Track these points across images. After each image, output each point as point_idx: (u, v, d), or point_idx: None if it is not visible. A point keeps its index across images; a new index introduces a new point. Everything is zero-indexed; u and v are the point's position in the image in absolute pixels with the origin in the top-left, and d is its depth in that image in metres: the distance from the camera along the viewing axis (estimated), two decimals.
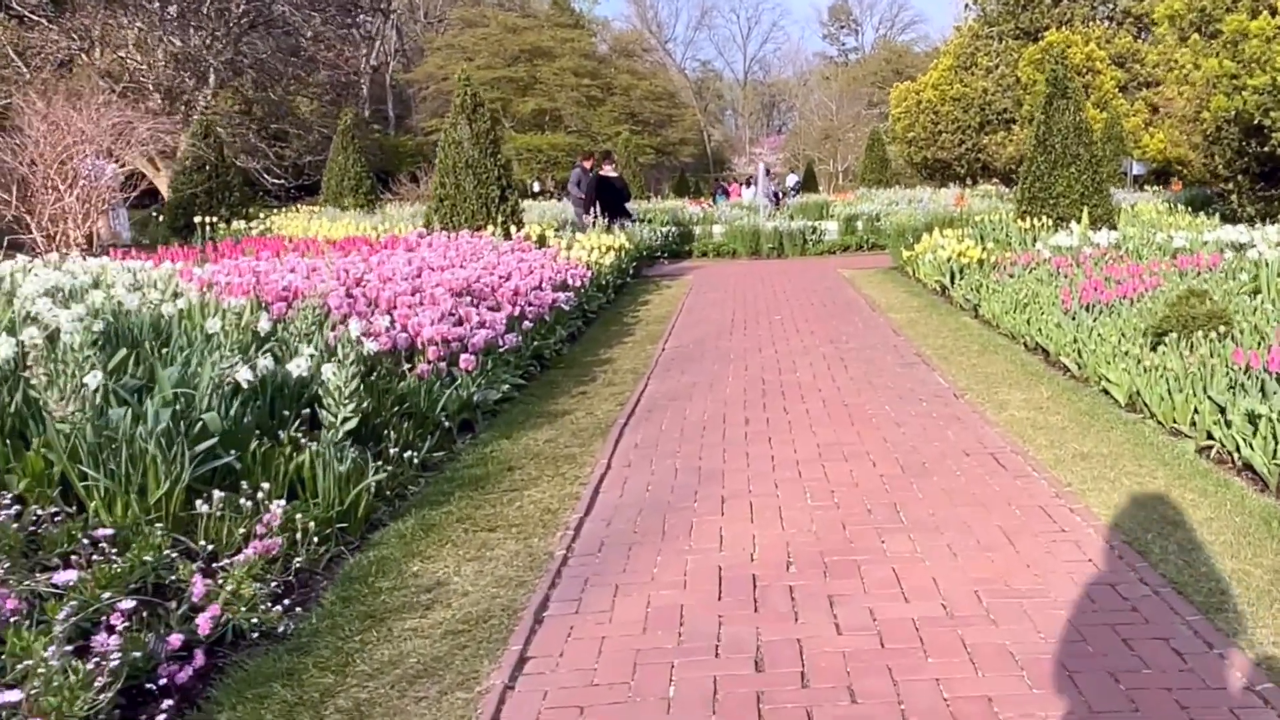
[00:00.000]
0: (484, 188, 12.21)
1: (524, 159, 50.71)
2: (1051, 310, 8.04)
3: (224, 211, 17.32)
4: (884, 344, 8.60)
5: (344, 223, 14.99)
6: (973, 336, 8.75)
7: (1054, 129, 12.35)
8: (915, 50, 68.08)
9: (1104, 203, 12.41)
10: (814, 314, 10.56)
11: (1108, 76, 25.90)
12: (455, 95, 12.50)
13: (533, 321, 7.98)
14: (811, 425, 5.97)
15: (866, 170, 29.41)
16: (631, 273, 13.76)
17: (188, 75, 26.08)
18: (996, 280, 10.04)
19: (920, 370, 7.43)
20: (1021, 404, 6.22)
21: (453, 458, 5.49)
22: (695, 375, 7.60)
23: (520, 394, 6.91)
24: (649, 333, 9.73)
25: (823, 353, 8.29)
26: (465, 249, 9.63)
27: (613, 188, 16.66)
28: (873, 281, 13.33)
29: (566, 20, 58.41)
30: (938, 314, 10.17)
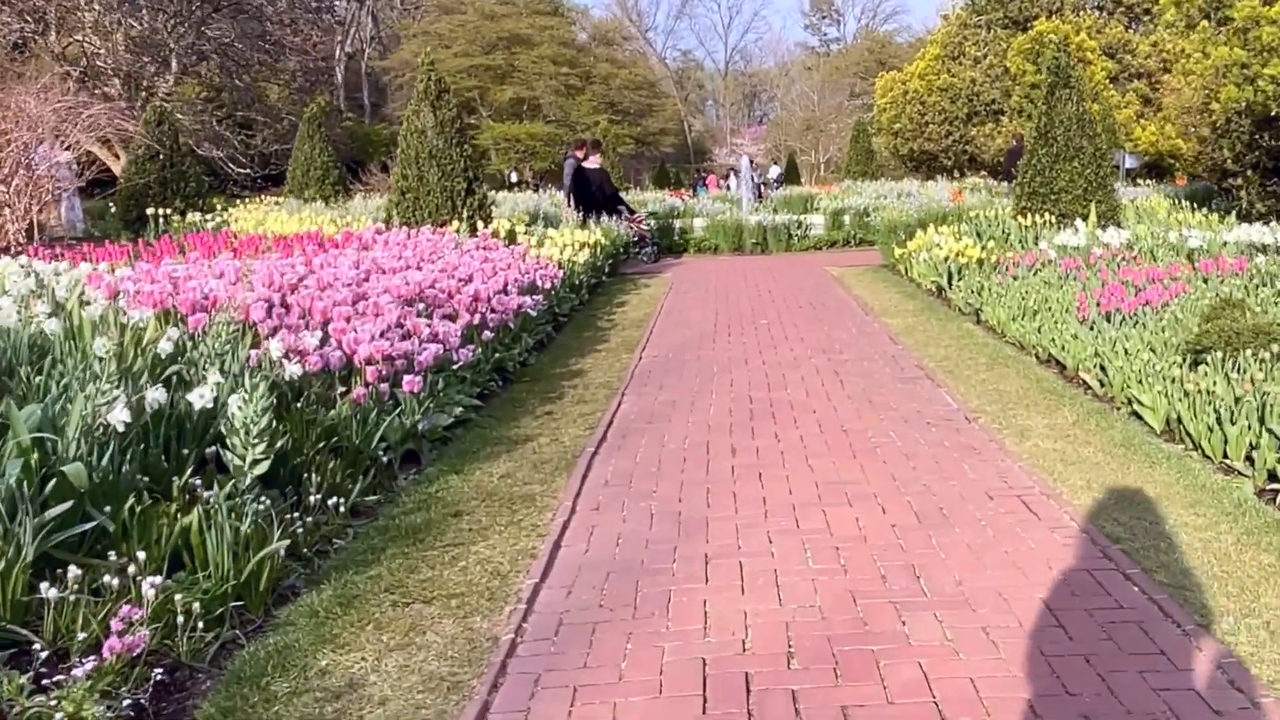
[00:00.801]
0: (449, 180, 11.39)
1: (501, 149, 49.82)
2: (1066, 319, 7.32)
3: (179, 203, 16.39)
4: (881, 354, 7.85)
5: (304, 216, 14.13)
6: (978, 346, 8.02)
7: (1056, 120, 11.62)
8: (898, 40, 67.50)
9: (1108, 199, 11.69)
10: (803, 318, 9.81)
11: (1099, 67, 25.26)
12: (418, 80, 11.66)
13: (495, 330, 7.19)
14: (808, 456, 5.21)
15: (851, 162, 28.70)
16: (608, 271, 12.97)
17: (148, 60, 25.03)
18: (999, 282, 9.31)
19: (924, 387, 6.69)
20: (1045, 431, 5.48)
21: (391, 499, 4.70)
22: (675, 391, 6.83)
23: (478, 415, 6.13)
24: (625, 339, 8.95)
25: (815, 364, 7.54)
26: (424, 247, 8.82)
27: (591, 181, 15.79)
28: (863, 281, 12.59)
29: (545, 8, 57.37)
30: (936, 319, 9.43)
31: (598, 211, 14.95)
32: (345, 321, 5.53)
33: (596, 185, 15.56)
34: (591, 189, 15.39)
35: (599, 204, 15.29)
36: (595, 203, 15.26)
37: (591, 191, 15.40)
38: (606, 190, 15.94)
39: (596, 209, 15.04)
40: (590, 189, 15.39)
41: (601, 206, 15.30)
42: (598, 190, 15.56)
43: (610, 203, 15.78)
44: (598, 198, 15.42)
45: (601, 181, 16.01)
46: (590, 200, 15.25)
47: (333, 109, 41.14)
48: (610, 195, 16.11)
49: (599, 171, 16.06)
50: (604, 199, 15.56)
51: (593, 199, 15.32)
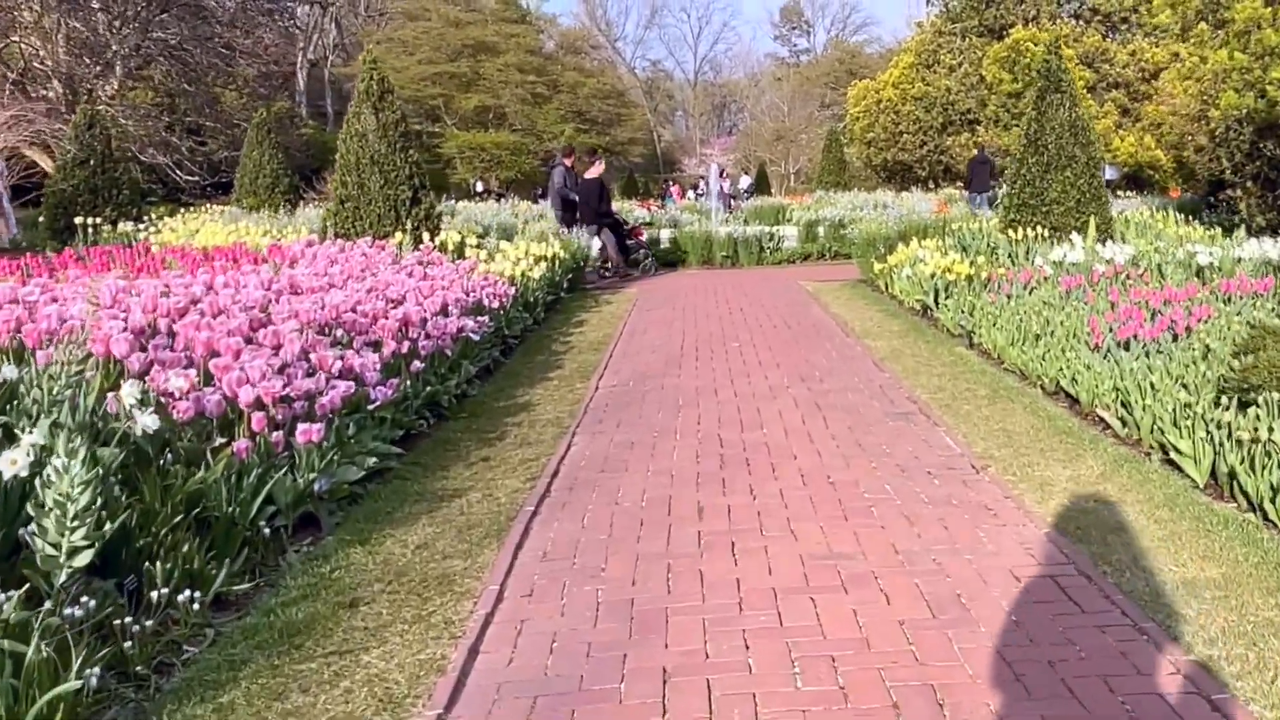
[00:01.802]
0: (392, 188, 10.44)
1: (466, 158, 48.80)
2: (1075, 346, 6.49)
3: (109, 212, 15.32)
4: (867, 383, 6.99)
5: (241, 226, 13.11)
6: (974, 374, 7.18)
7: (1047, 127, 10.86)
8: (868, 51, 67.23)
9: (1102, 210, 10.95)
10: (778, 340, 8.94)
11: (1076, 76, 24.62)
12: (359, 79, 10.72)
13: (428, 359, 6.26)
14: (790, 519, 4.32)
15: (824, 172, 27.98)
16: (566, 286, 12.05)
17: (90, 62, 23.87)
18: (992, 302, 8.50)
19: (919, 425, 5.83)
20: (1069, 485, 4.63)
21: (274, 582, 3.76)
22: (634, 429, 5.93)
23: (400, 463, 5.19)
24: (580, 365, 8.03)
25: (794, 396, 6.66)
26: (356, 262, 7.87)
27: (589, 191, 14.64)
28: (840, 297, 11.76)
29: (512, 15, 56.50)
30: (924, 341, 8.60)
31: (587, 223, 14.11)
32: (235, 356, 4.58)
33: (591, 197, 14.39)
34: (590, 201, 14.28)
35: (594, 216, 14.32)
36: (591, 215, 14.28)
37: (587, 204, 14.35)
38: (602, 206, 14.73)
39: (588, 221, 14.13)
40: (589, 201, 14.32)
41: (595, 220, 14.35)
42: (592, 203, 14.42)
43: (605, 218, 14.77)
44: (594, 210, 14.40)
45: (599, 193, 14.84)
46: (588, 213, 14.26)
47: (290, 116, 40.05)
48: (606, 211, 15.00)
49: (597, 181, 14.95)
50: (598, 214, 14.51)
51: (588, 211, 14.32)
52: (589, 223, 14.38)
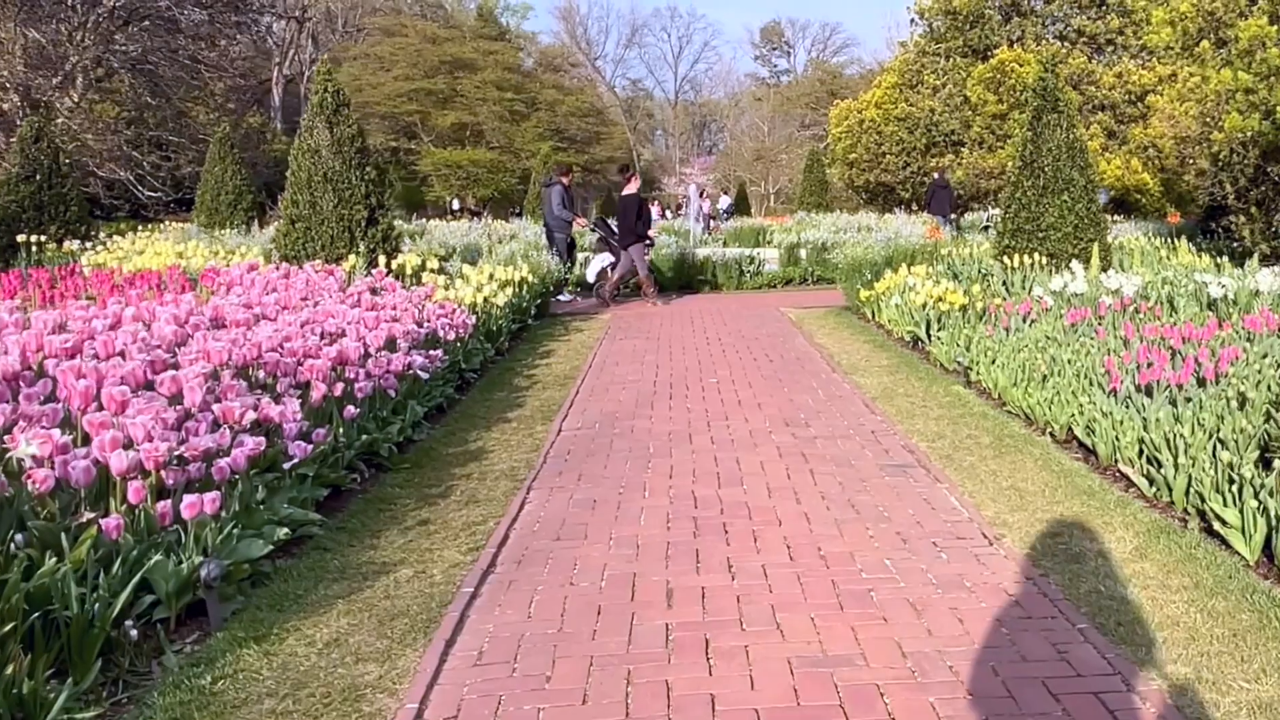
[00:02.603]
0: (346, 207, 9.73)
1: (442, 175, 48.16)
2: (1088, 389, 5.85)
3: (55, 230, 14.54)
4: (858, 428, 6.33)
5: (190, 246, 12.35)
6: (974, 417, 6.53)
7: (1043, 149, 10.28)
8: (848, 73, 67.14)
9: (1101, 237, 10.37)
10: (760, 375, 8.28)
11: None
12: (313, 91, 10.02)
13: (366, 402, 5.56)
14: (775, 608, 3.64)
15: (805, 193, 27.45)
16: (534, 312, 11.36)
17: (46, 73, 23.06)
18: (990, 335, 7.88)
19: (919, 480, 5.16)
20: (1101, 563, 3.97)
21: (140, 697, 3.04)
22: (597, 484, 5.24)
23: (323, 529, 4.47)
24: (544, 403, 7.34)
25: (778, 445, 5.99)
26: (297, 289, 7.16)
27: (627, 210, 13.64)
28: (825, 326, 11.12)
29: (490, 32, 56.13)
30: (917, 378, 7.96)
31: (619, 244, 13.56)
32: (120, 408, 3.86)
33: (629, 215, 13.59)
34: (628, 219, 13.50)
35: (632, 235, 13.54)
36: (629, 234, 13.52)
37: (625, 222, 13.55)
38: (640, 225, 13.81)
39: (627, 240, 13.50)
40: (627, 218, 13.52)
41: (633, 238, 13.57)
42: (630, 220, 13.55)
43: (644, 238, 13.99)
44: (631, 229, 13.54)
45: (638, 210, 13.78)
46: (625, 232, 13.53)
47: (262, 131, 39.30)
48: (645, 231, 14.02)
49: (635, 198, 13.92)
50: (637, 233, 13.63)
51: (626, 230, 13.56)
52: (626, 243, 13.64)
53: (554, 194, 14.44)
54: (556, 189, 14.48)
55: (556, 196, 14.36)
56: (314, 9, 61.33)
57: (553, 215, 14.51)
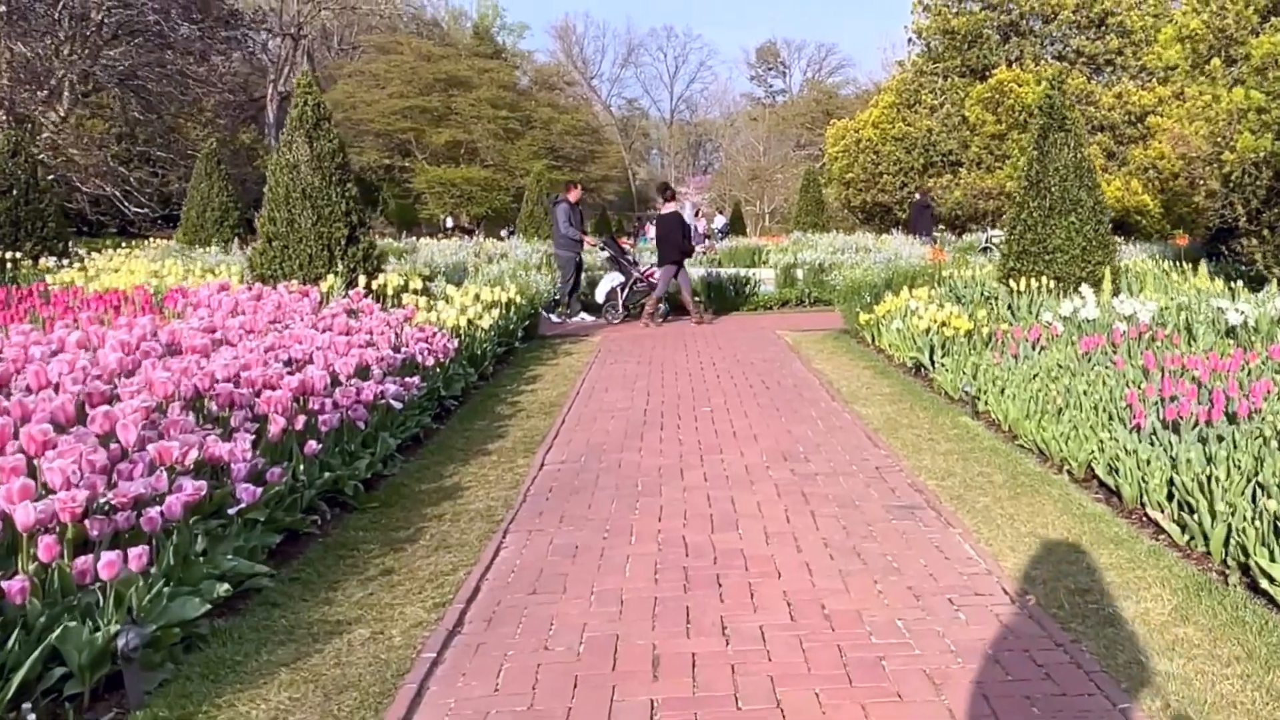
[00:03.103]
0: (326, 225, 9.34)
1: (436, 193, 47.80)
2: (1108, 424, 5.46)
3: (31, 246, 14.13)
4: (860, 463, 5.92)
5: (167, 264, 11.93)
6: (985, 452, 6.13)
7: (1050, 168, 9.92)
8: (843, 93, 67.09)
9: (1110, 260, 10.00)
10: (756, 404, 7.87)
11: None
12: (293, 106, 9.64)
13: (331, 436, 5.14)
14: (775, 680, 3.22)
15: (801, 213, 27.07)
16: (521, 334, 10.95)
17: (32, 87, 22.71)
18: (998, 363, 7.49)
19: (930, 524, 4.75)
20: (1140, 627, 3.55)
21: None
22: (580, 528, 4.82)
23: (275, 580, 4.05)
24: (527, 433, 6.92)
25: (775, 481, 5.57)
26: (266, 312, 6.75)
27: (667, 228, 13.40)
28: (823, 351, 10.72)
29: (486, 50, 55.92)
30: (921, 408, 7.55)
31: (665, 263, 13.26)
32: (40, 449, 3.44)
33: (674, 233, 13.31)
34: (672, 238, 13.25)
35: (677, 255, 13.31)
36: (674, 253, 13.26)
37: (668, 241, 13.28)
38: (686, 243, 13.57)
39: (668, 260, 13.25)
40: (670, 237, 13.27)
41: (677, 258, 13.33)
42: (675, 239, 13.30)
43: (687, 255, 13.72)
44: (678, 248, 13.32)
45: (681, 228, 13.56)
46: (669, 251, 13.25)
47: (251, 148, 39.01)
48: (690, 249, 13.88)
49: (676, 215, 13.71)
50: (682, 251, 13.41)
51: (670, 249, 13.28)
52: (669, 262, 13.30)
53: (560, 212, 13.89)
54: (562, 207, 13.94)
55: (562, 215, 13.82)
56: (310, 26, 61.27)
57: (559, 235, 13.97)
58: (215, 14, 25.68)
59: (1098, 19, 25.46)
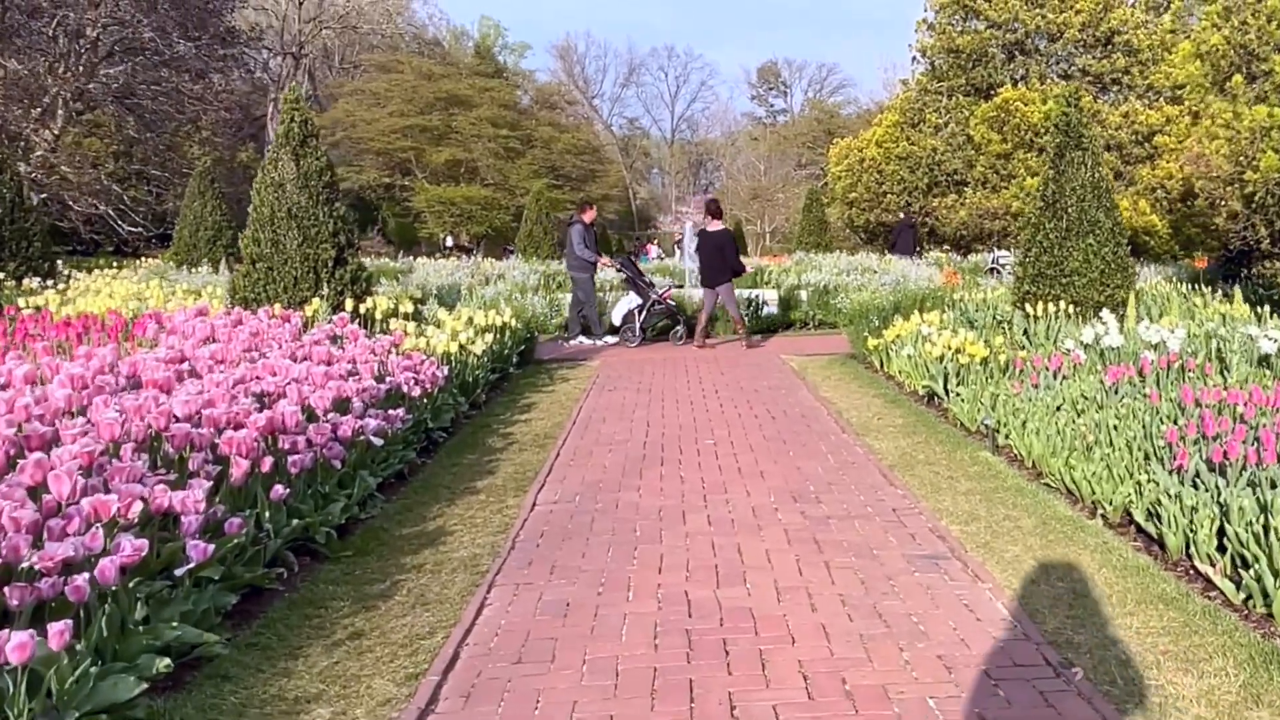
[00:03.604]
0: (312, 246, 8.95)
1: (436, 212, 47.52)
2: (1146, 464, 5.04)
3: (15, 267, 13.74)
4: (877, 505, 5.50)
5: (152, 286, 11.54)
6: (1009, 492, 5.70)
7: (1066, 188, 9.55)
8: (845, 113, 66.96)
9: (1129, 283, 9.61)
10: (761, 435, 7.45)
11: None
12: (279, 122, 9.28)
13: (302, 477, 4.72)
14: None
15: (804, 233, 26.73)
16: (516, 360, 10.54)
17: (25, 105, 22.40)
18: (1017, 393, 7.08)
19: (956, 578, 4.33)
20: (1205, 710, 3.13)
21: None
22: (572, 580, 4.39)
23: (231, 645, 3.62)
24: (518, 469, 6.50)
25: (785, 526, 5.15)
26: (241, 340, 6.34)
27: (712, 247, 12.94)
28: (830, 377, 10.31)
29: (487, 69, 55.75)
30: (937, 441, 7.13)
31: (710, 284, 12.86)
32: None
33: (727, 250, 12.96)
34: (725, 254, 12.87)
35: (726, 274, 12.89)
36: (723, 273, 12.86)
37: (723, 258, 12.86)
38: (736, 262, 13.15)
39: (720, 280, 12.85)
40: (724, 254, 12.86)
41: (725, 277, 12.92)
42: (729, 257, 12.90)
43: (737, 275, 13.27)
44: (730, 267, 12.90)
45: (734, 246, 13.21)
46: (719, 269, 12.84)
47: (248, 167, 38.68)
48: (740, 268, 13.42)
49: (726, 233, 13.33)
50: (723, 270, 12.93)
51: (721, 268, 12.87)
52: (717, 282, 12.90)
53: (575, 234, 13.38)
54: (577, 228, 13.44)
55: (577, 236, 13.32)
56: (311, 45, 61.22)
57: (574, 256, 13.42)
58: (213, 31, 25.37)
59: (1104, 38, 25.17)
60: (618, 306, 13.65)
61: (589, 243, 13.42)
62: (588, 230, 13.53)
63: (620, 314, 13.51)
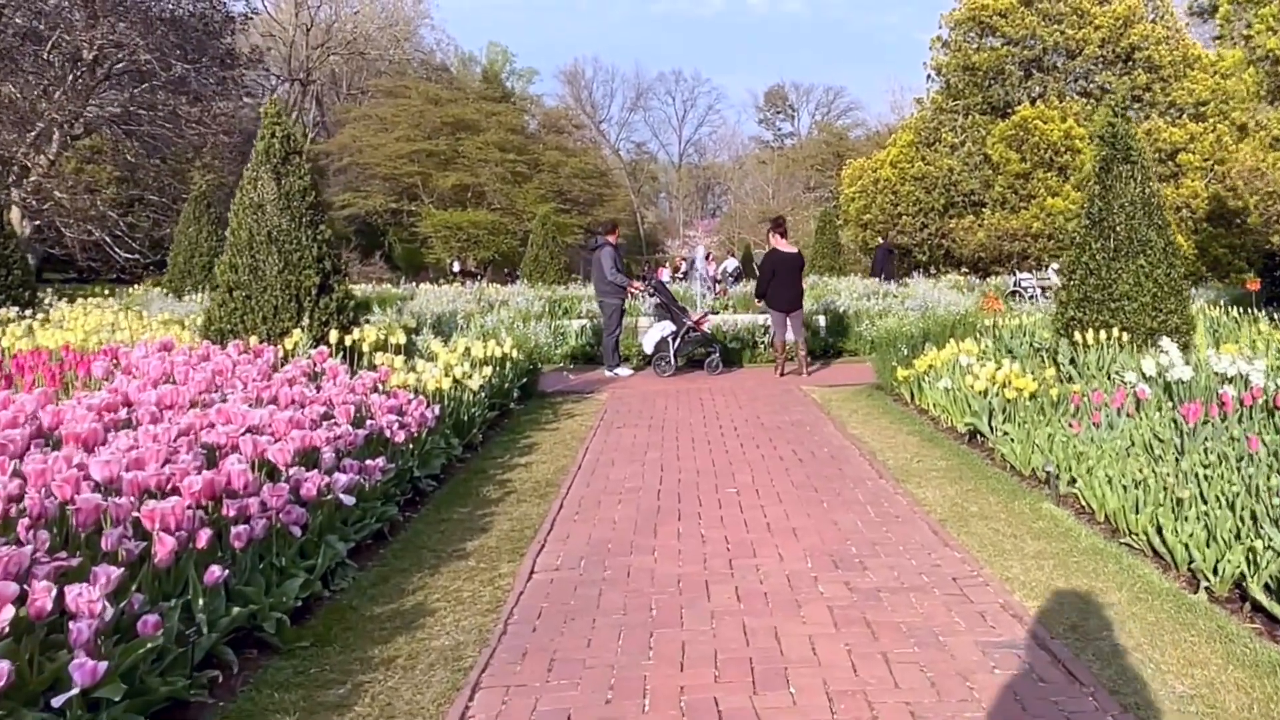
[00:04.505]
0: (294, 273, 8.20)
1: (443, 236, 46.94)
2: (1251, 523, 4.23)
3: None
4: (933, 573, 4.69)
5: (124, 316, 10.82)
6: (1086, 555, 4.89)
7: (1114, 205, 8.77)
8: (854, 135, 66.44)
9: (1183, 308, 8.81)
10: (789, 482, 6.64)
11: (1088, 156, 22.94)
12: (259, 138, 8.56)
13: (250, 550, 3.94)
14: None
15: (817, 255, 25.96)
16: (518, 394, 9.76)
17: (19, 130, 21.84)
18: (1075, 432, 6.28)
19: (1050, 680, 3.51)
20: None
21: None
22: (575, 682, 3.59)
23: None
24: (516, 524, 5.71)
25: (829, 602, 4.34)
26: (198, 381, 5.57)
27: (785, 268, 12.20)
28: (858, 411, 9.51)
29: (494, 94, 55.33)
30: (989, 487, 6.32)
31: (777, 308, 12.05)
32: None
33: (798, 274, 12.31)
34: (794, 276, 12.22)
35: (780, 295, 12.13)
36: (786, 296, 12.11)
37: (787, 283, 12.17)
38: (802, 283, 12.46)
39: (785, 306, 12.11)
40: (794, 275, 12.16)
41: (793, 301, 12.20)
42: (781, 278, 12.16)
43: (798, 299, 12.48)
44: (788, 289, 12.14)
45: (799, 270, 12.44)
46: (783, 293, 12.13)
47: None
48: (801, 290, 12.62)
49: (796, 256, 12.58)
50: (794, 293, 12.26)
51: (788, 292, 12.19)
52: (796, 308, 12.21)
53: (605, 257, 12.45)
54: (607, 251, 12.53)
55: (609, 260, 12.40)
56: (318, 72, 60.98)
57: (604, 281, 12.49)
58: (212, 54, 24.82)
59: (1124, 54, 24.46)
60: (649, 334, 12.74)
61: (619, 266, 12.59)
62: (617, 252, 12.71)
63: (652, 342, 12.60)
